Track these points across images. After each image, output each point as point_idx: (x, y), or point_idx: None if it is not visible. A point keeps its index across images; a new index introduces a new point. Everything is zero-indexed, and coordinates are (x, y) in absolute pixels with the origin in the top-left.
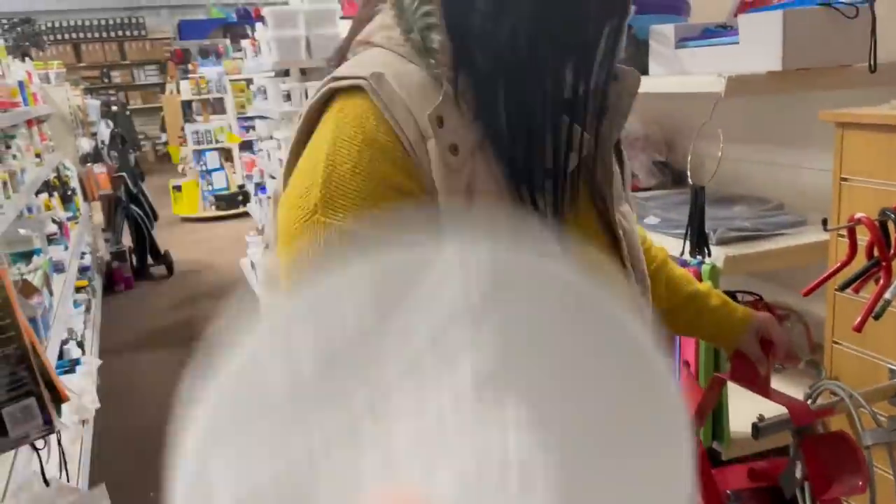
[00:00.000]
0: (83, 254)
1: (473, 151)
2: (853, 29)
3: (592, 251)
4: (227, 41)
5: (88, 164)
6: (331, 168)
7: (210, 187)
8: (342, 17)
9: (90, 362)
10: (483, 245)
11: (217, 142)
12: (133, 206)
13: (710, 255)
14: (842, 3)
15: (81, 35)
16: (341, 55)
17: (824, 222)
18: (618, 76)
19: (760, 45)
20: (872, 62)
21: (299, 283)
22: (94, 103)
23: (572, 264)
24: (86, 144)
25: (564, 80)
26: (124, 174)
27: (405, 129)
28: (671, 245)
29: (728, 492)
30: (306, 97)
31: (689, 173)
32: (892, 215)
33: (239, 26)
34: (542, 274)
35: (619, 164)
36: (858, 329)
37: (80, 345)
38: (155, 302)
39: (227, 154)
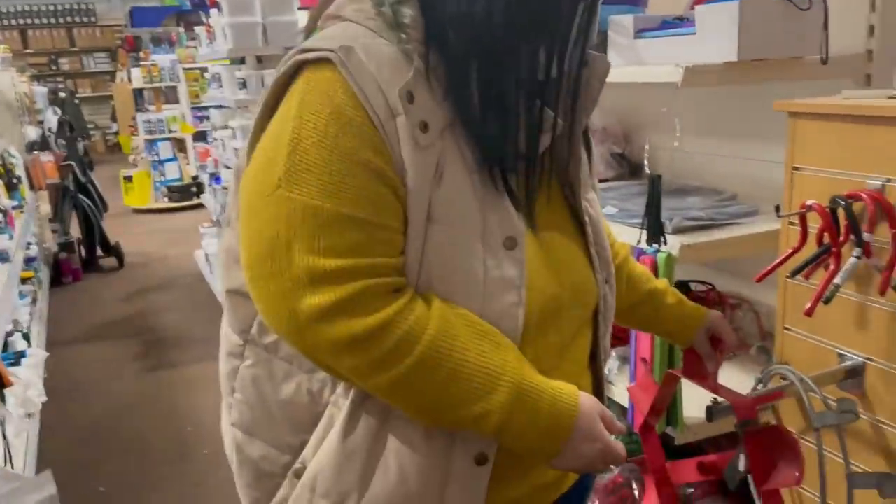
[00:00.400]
0: (29, 244)
1: (444, 130)
2: (806, 21)
3: (559, 236)
4: (181, 29)
5: (35, 152)
6: (296, 141)
7: (162, 178)
8: (300, 8)
9: (36, 355)
10: None
11: (170, 131)
12: (81, 196)
13: (666, 243)
14: None
15: (29, 20)
16: (309, 29)
17: (777, 208)
18: (588, 61)
19: (717, 35)
20: (824, 54)
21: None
22: (41, 90)
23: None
24: (32, 132)
25: (538, 60)
26: (72, 163)
27: (374, 104)
28: (628, 234)
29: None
30: (263, 85)
31: (646, 164)
32: (842, 203)
33: (193, 14)
34: None
35: (586, 151)
36: (809, 313)
37: (27, 337)
38: (104, 294)
39: (180, 144)
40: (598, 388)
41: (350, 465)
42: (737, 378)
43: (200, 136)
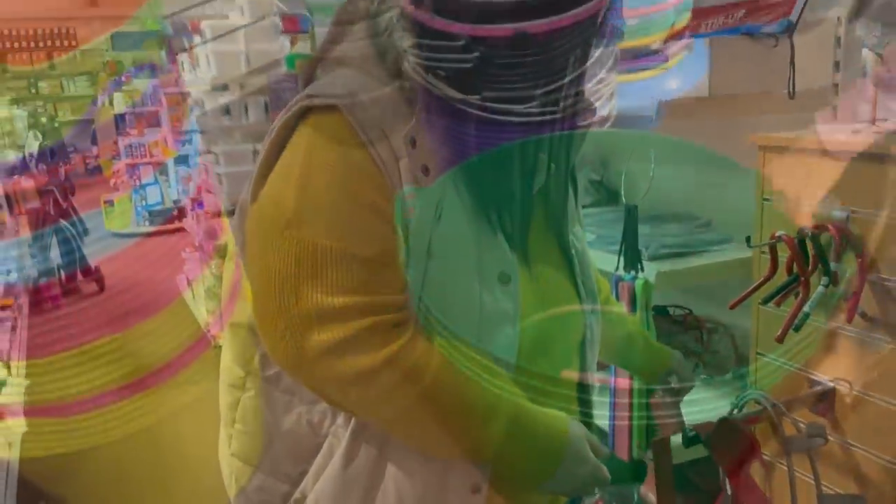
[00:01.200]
0: (8, 270)
1: (443, 171)
2: (774, 58)
3: (548, 269)
4: (163, 53)
5: (15, 177)
6: (305, 183)
7: (144, 202)
8: (283, 33)
9: (17, 383)
10: None
11: (151, 155)
12: (62, 221)
13: (643, 270)
14: (763, 33)
15: (8, 44)
16: (310, 73)
17: (748, 240)
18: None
19: (688, 70)
20: (791, 89)
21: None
22: (20, 114)
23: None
24: (12, 156)
25: (534, 105)
26: (53, 188)
27: (379, 149)
28: (607, 261)
29: None
30: (246, 112)
31: (622, 192)
32: (809, 233)
33: (175, 39)
34: None
35: (572, 186)
36: (780, 340)
37: (7, 365)
38: (85, 319)
39: (161, 168)
40: (587, 412)
41: (350, 494)
42: (714, 402)
43: (182, 160)
